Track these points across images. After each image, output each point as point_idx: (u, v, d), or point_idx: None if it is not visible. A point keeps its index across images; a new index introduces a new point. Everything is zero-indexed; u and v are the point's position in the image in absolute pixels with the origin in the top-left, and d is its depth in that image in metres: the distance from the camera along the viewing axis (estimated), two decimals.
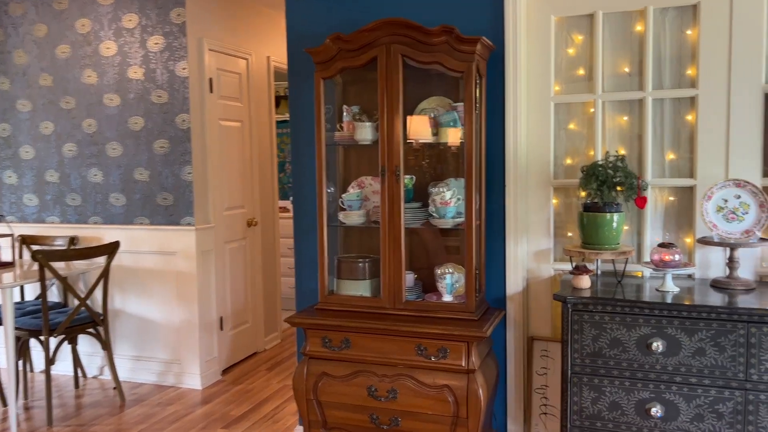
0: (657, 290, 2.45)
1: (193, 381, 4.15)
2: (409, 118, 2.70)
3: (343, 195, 2.88)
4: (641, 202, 2.57)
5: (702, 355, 2.24)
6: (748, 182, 2.47)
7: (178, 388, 4.15)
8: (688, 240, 2.71)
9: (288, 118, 6.48)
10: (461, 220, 2.66)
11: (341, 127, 2.87)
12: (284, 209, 6.15)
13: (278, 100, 6.38)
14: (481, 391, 2.48)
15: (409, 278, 2.76)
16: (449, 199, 2.67)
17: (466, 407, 2.49)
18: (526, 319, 2.92)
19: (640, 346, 2.31)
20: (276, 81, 5.27)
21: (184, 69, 4.02)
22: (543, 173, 2.85)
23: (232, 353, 4.56)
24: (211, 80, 4.25)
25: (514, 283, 2.86)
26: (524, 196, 2.85)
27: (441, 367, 2.52)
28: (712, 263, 2.64)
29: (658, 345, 2.27)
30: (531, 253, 2.89)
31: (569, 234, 2.88)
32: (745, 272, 2.57)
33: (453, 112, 2.68)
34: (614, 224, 2.55)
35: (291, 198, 6.51)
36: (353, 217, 2.83)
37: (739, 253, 2.48)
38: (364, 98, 2.90)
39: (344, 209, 2.87)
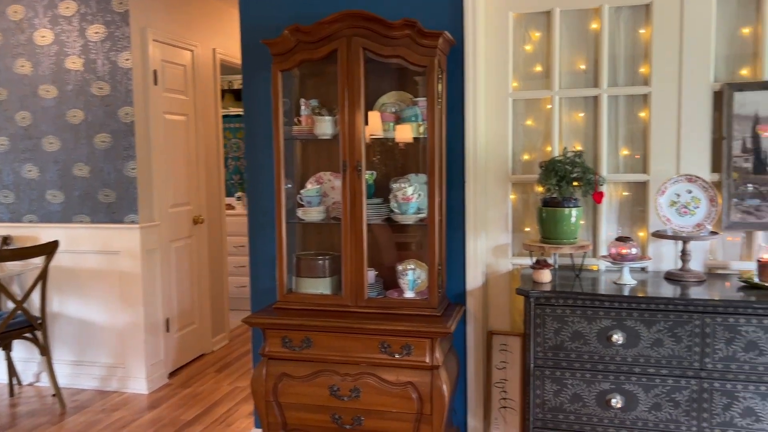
0: (615, 283, 2.50)
1: (139, 385, 3.98)
2: (370, 113, 2.67)
3: (302, 191, 2.81)
4: (598, 197, 2.62)
5: (660, 345, 2.30)
6: (699, 177, 2.55)
7: (122, 393, 3.97)
8: (642, 234, 2.78)
9: (234, 113, 6.37)
10: (423, 215, 2.64)
11: (299, 121, 2.80)
12: (230, 206, 5.99)
13: (223, 93, 6.21)
14: (445, 387, 2.47)
15: (370, 275, 2.72)
16: (411, 195, 2.64)
17: (431, 404, 2.47)
18: (486, 314, 2.93)
19: (600, 339, 2.35)
20: (222, 74, 5.13)
21: (127, 60, 3.85)
22: (502, 169, 2.87)
23: (179, 355, 4.40)
24: (155, 72, 4.08)
25: (473, 278, 2.87)
26: (483, 191, 2.86)
27: (405, 364, 2.50)
28: (665, 256, 2.72)
29: (618, 337, 2.31)
30: (490, 248, 2.91)
31: (527, 229, 2.91)
32: (696, 264, 2.66)
33: (415, 107, 2.66)
34: (573, 219, 2.59)
35: (236, 195, 6.36)
36: (312, 214, 2.77)
37: (691, 246, 2.56)
38: (322, 92, 2.84)
39: (303, 205, 2.80)
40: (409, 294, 2.68)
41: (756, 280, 2.38)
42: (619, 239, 2.51)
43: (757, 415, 2.22)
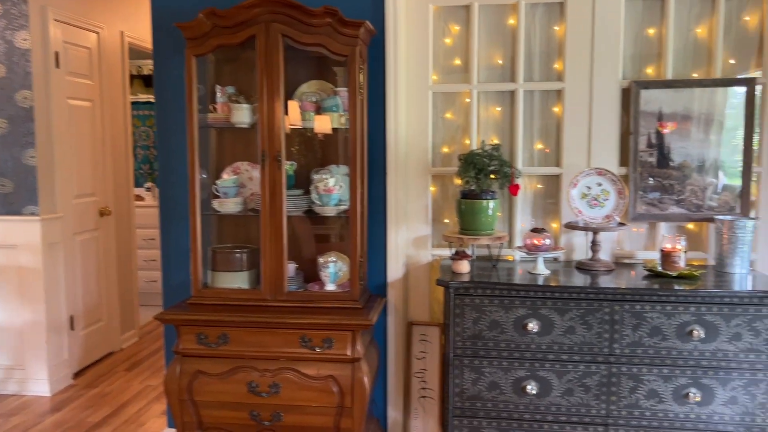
0: (530, 273, 2.57)
1: (40, 387, 3.74)
2: (290, 102, 2.60)
3: (218, 181, 2.71)
4: (514, 189, 2.68)
5: (572, 333, 2.39)
6: (608, 171, 2.66)
7: (21, 396, 3.72)
8: (555, 225, 2.88)
9: (143, 99, 6.07)
10: (345, 207, 2.62)
11: (214, 109, 2.70)
12: (139, 197, 5.73)
13: (132, 79, 5.91)
14: (366, 379, 2.46)
15: (290, 268, 2.66)
16: (332, 186, 2.61)
17: (351, 396, 2.46)
18: (406, 305, 2.95)
19: (517, 327, 2.41)
20: (131, 59, 4.88)
21: (25, 40, 3.58)
22: (422, 161, 2.88)
23: (85, 354, 4.17)
24: (57, 54, 3.82)
25: (394, 270, 2.88)
26: (404, 183, 2.86)
27: (326, 357, 2.47)
28: (576, 246, 2.83)
29: (533, 325, 2.38)
30: (410, 240, 2.92)
31: (446, 220, 2.95)
32: (605, 254, 2.78)
33: (336, 97, 2.62)
34: (490, 211, 2.64)
35: (146, 186, 6.08)
36: (229, 205, 2.68)
37: (601, 237, 2.67)
38: (239, 78, 2.74)
39: (218, 196, 2.70)
40: (330, 287, 2.65)
41: (659, 268, 2.52)
42: (534, 230, 2.58)
43: (660, 396, 2.35)
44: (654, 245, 2.82)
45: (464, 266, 2.56)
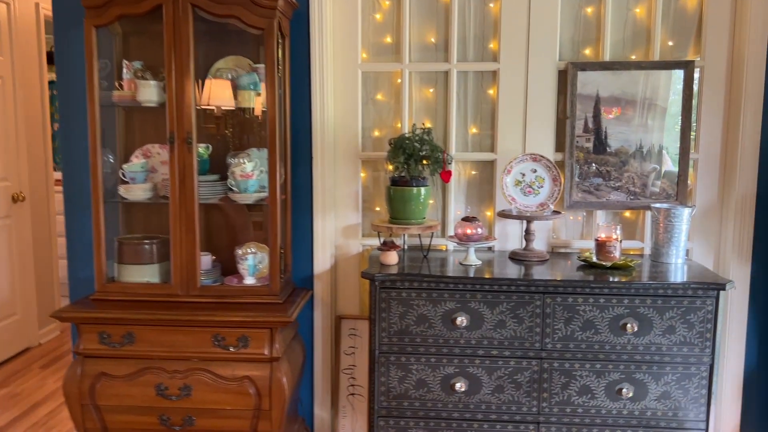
0: (461, 264, 2.44)
1: None
2: (205, 80, 2.39)
3: (125, 165, 2.48)
4: (446, 176, 2.53)
5: (503, 327, 2.26)
6: (543, 156, 2.54)
7: None
8: (489, 213, 2.75)
9: None
10: (264, 194, 2.42)
11: (121, 86, 2.46)
12: (60, 182, 5.37)
13: (51, 56, 5.53)
14: (285, 379, 2.29)
15: (205, 260, 2.46)
16: (251, 172, 2.41)
17: (269, 398, 2.29)
18: (335, 298, 2.78)
19: (445, 322, 2.27)
20: (48, 34, 4.52)
21: None
22: (351, 145, 2.71)
23: None
24: None
25: (321, 261, 2.70)
26: (332, 168, 2.68)
27: (241, 357, 2.28)
28: (510, 235, 2.71)
29: (462, 319, 2.25)
30: (339, 229, 2.75)
31: (377, 208, 2.79)
32: (540, 244, 2.67)
33: (253, 74, 2.42)
34: (421, 198, 2.49)
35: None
36: (137, 192, 2.46)
37: (535, 225, 2.56)
38: (148, 53, 2.50)
39: (126, 182, 2.47)
40: (249, 280, 2.46)
41: (594, 259, 2.42)
42: (466, 219, 2.44)
43: (592, 392, 2.26)
44: (591, 234, 2.72)
45: (392, 257, 2.41)
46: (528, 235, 2.54)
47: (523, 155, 2.55)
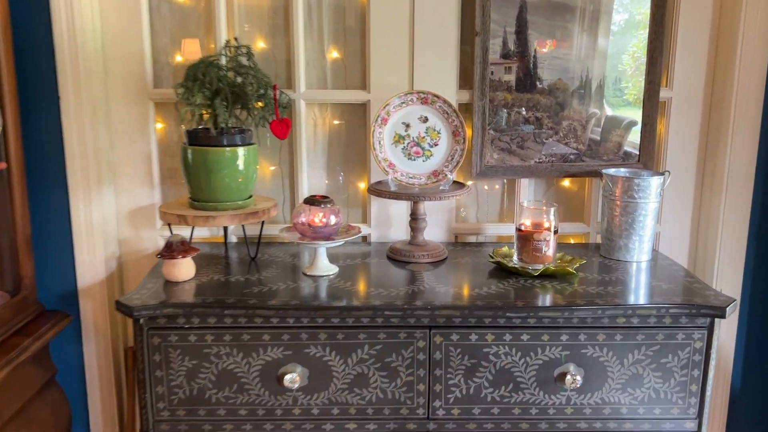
0: (305, 274, 1.49)
1: None
2: None
3: None
4: (280, 128, 1.55)
5: (364, 385, 1.34)
6: (437, 97, 1.59)
7: None
8: (364, 185, 1.80)
9: None
10: None
11: None
12: None
13: None
14: None
15: None
16: None
17: None
18: (122, 322, 1.79)
19: (267, 380, 1.33)
20: None
21: None
22: (135, 77, 1.67)
23: None
24: None
25: (91, 267, 1.69)
26: (102, 115, 1.65)
27: None
28: (394, 218, 1.78)
29: (295, 376, 1.31)
30: (124, 214, 1.74)
31: None
32: (436, 231, 1.76)
33: None
34: (240, 166, 1.51)
35: None
36: None
37: (425, 207, 1.62)
38: None
39: None
40: None
41: (514, 260, 1.52)
42: (311, 201, 1.48)
43: None
44: (512, 214, 1.82)
45: (183, 269, 1.43)
46: (415, 221, 1.61)
47: (407, 94, 1.59)
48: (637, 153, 1.75)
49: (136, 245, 1.76)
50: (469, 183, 1.74)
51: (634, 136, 1.74)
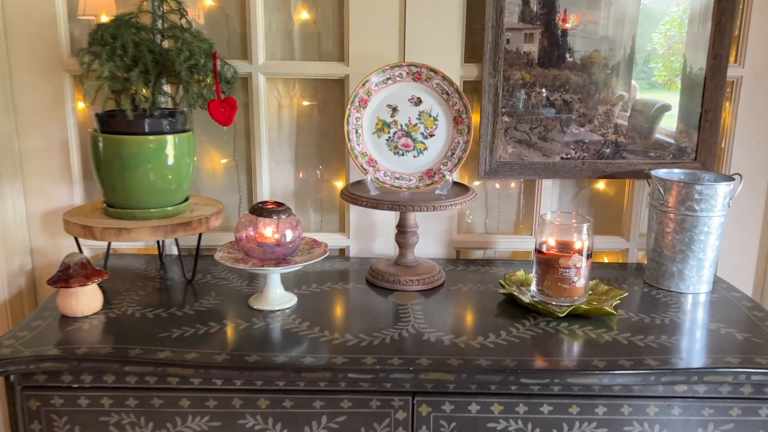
0: (251, 308, 1.12)
1: None
2: None
3: None
4: (220, 111, 1.16)
5: None
6: (434, 71, 1.19)
7: None
8: (342, 185, 1.42)
9: None
10: None
11: None
12: None
13: None
14: None
15: None
16: None
17: None
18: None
19: None
20: None
21: None
22: (44, 42, 1.29)
23: None
24: None
25: None
26: (2, 93, 1.28)
27: None
28: (379, 227, 1.40)
29: None
30: (36, 218, 1.38)
31: None
32: (433, 243, 1.38)
33: None
34: (169, 159, 1.13)
35: None
36: None
37: (415, 217, 1.24)
38: None
39: None
40: None
41: (533, 290, 1.13)
42: (259, 210, 1.10)
43: None
44: (531, 225, 1.44)
45: (84, 301, 1.06)
46: (403, 236, 1.23)
47: (394, 67, 1.20)
48: (694, 149, 1.35)
49: (54, 256, 1.40)
50: (476, 184, 1.36)
51: (691, 127, 1.34)
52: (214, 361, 0.93)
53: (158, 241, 1.34)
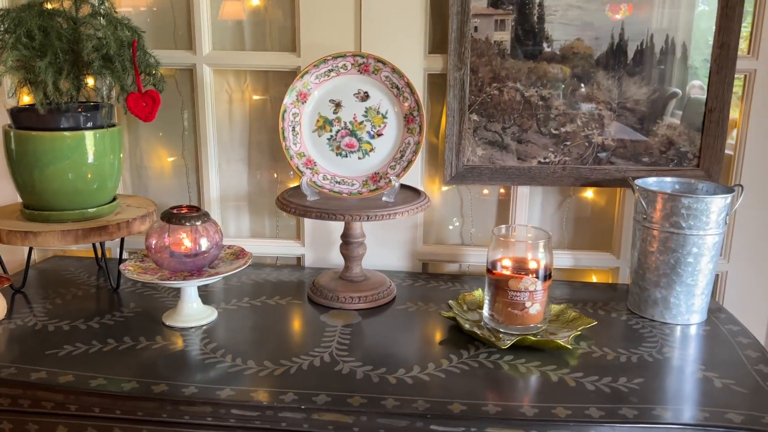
0: (166, 325, 1.01)
1: None
2: None
3: None
4: (140, 105, 1.06)
5: None
6: (383, 63, 1.05)
7: None
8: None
9: None
10: None
11: None
12: None
13: None
14: None
15: None
16: None
17: None
18: None
19: None
20: None
21: None
22: None
23: None
24: None
25: None
26: None
27: None
28: (336, 235, 1.27)
29: None
30: None
31: None
32: (396, 254, 1.24)
33: None
34: (88, 157, 1.04)
35: None
36: None
37: (362, 226, 1.10)
38: None
39: None
40: None
41: (485, 315, 0.98)
42: (171, 217, 0.99)
43: None
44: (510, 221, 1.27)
45: None
46: (347, 246, 1.10)
47: (337, 57, 1.06)
48: (696, 154, 1.15)
49: None
50: (444, 189, 1.21)
51: (692, 128, 1.15)
52: (87, 386, 0.82)
53: (93, 244, 1.25)
